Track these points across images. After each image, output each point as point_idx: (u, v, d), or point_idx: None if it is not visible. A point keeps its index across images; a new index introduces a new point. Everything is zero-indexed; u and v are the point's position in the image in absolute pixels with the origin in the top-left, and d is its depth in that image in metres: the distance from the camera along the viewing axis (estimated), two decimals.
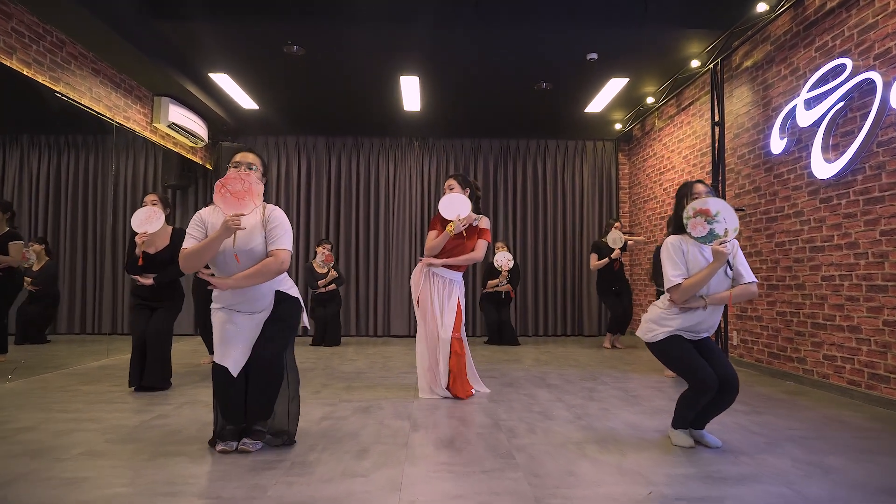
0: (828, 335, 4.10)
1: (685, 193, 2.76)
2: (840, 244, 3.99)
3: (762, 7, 4.63)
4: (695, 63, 5.68)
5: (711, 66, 5.56)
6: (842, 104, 3.91)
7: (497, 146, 8.35)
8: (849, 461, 2.54)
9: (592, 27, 5.08)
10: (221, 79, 6.13)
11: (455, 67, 5.91)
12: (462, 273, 3.96)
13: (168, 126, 6.36)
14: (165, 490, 2.12)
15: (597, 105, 6.99)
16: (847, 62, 3.87)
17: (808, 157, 4.27)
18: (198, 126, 6.92)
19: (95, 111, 5.22)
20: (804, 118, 4.27)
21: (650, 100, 6.83)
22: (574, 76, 6.12)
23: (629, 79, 6.24)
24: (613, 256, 6.54)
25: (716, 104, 5.56)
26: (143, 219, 3.91)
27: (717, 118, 5.53)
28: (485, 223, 3.95)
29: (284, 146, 8.21)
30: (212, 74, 6.05)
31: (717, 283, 2.65)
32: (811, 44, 4.33)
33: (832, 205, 4.07)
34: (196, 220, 2.61)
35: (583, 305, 8.25)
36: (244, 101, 6.83)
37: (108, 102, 5.45)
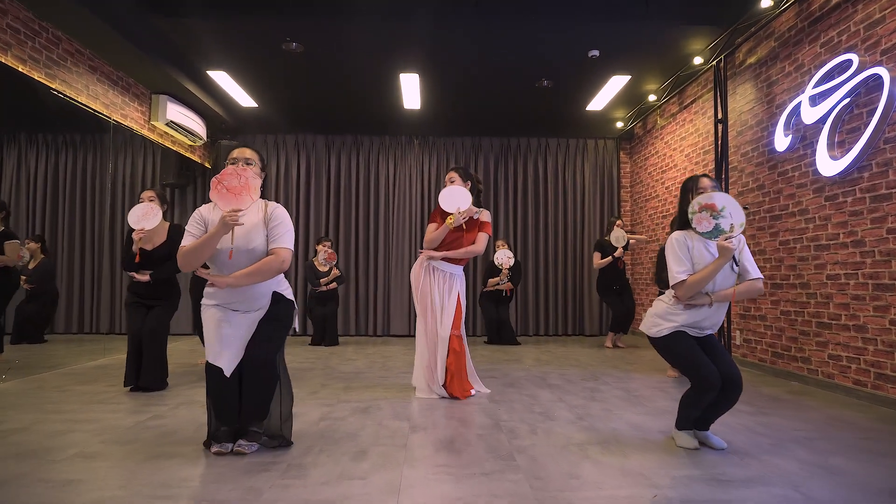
0: (833, 335, 4.05)
1: (690, 188, 2.71)
2: (846, 242, 3.94)
3: (766, 3, 4.57)
4: (697, 60, 5.63)
5: (714, 63, 5.50)
6: (848, 100, 3.86)
7: (498, 144, 8.30)
8: (855, 463, 2.49)
9: (594, 24, 5.03)
10: (220, 76, 6.08)
11: (455, 65, 5.85)
12: (463, 267, 3.92)
13: (166, 124, 6.31)
14: (159, 493, 2.07)
15: (598, 103, 6.94)
16: (853, 58, 3.82)
17: (813, 155, 4.21)
18: (196, 124, 6.87)
19: (92, 109, 5.17)
20: (809, 115, 4.21)
21: (652, 97, 6.77)
22: (575, 74, 6.07)
23: (631, 76, 6.18)
24: (617, 255, 6.49)
25: (719, 101, 5.50)
26: (140, 215, 3.86)
27: (721, 115, 5.47)
28: (486, 216, 3.91)
29: (283, 145, 8.16)
30: (210, 72, 6.00)
31: (723, 279, 2.60)
32: (816, 39, 4.28)
33: (838, 202, 4.01)
34: (196, 218, 2.56)
35: (584, 305, 8.20)
36: (243, 99, 6.78)
37: (106, 100, 5.40)
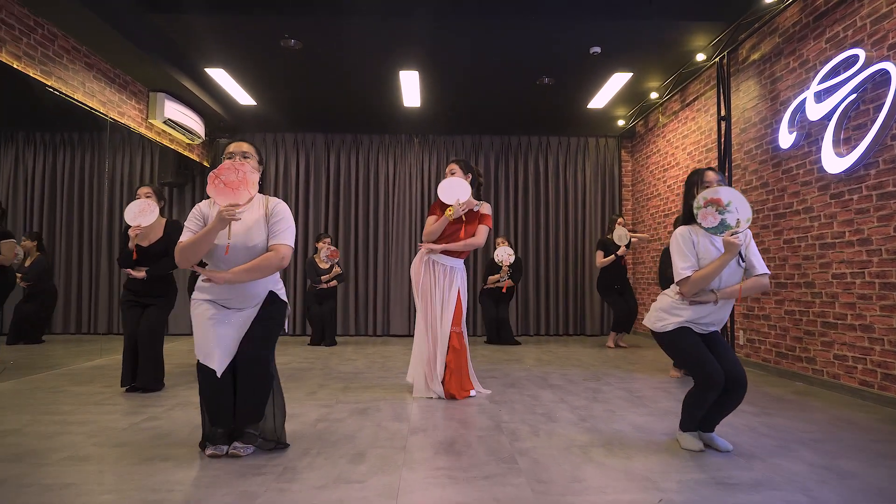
0: (839, 334, 3.98)
1: (695, 181, 2.65)
2: (852, 241, 3.88)
3: None
4: (700, 57, 5.57)
5: (717, 60, 5.44)
6: (854, 96, 3.80)
7: (498, 143, 8.24)
8: (865, 465, 2.43)
9: (595, 20, 4.97)
10: (218, 74, 6.03)
11: (455, 62, 5.80)
12: (463, 260, 3.87)
13: (164, 122, 6.25)
14: (150, 497, 2.02)
15: (599, 101, 6.88)
16: (860, 53, 3.75)
17: (819, 152, 4.15)
18: (194, 122, 6.81)
19: (88, 106, 5.12)
20: (814, 111, 4.15)
21: (654, 95, 6.71)
22: (577, 71, 6.01)
23: (633, 73, 6.12)
24: (620, 253, 6.43)
25: (722, 99, 5.44)
26: (137, 211, 3.81)
27: (724, 113, 5.41)
28: (486, 209, 3.86)
29: (283, 143, 8.10)
30: (208, 69, 5.94)
31: (730, 275, 2.54)
32: (821, 35, 4.22)
33: (843, 200, 3.95)
34: (195, 214, 2.51)
35: (585, 304, 8.14)
36: (241, 97, 6.72)
37: (102, 98, 5.35)
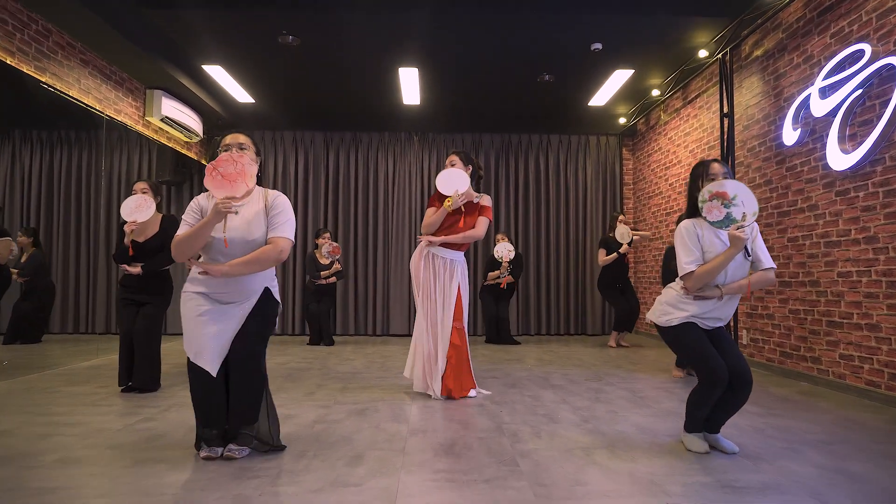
0: (844, 334, 3.93)
1: (700, 173, 2.58)
2: (858, 239, 3.82)
3: None
4: (702, 53, 5.51)
5: (720, 57, 5.38)
6: (860, 92, 3.74)
7: (498, 141, 8.18)
8: (875, 467, 2.38)
9: (597, 15, 4.91)
10: (215, 71, 5.97)
11: (455, 59, 5.73)
12: (464, 252, 3.82)
13: (161, 120, 6.19)
14: (141, 501, 1.96)
15: (601, 98, 6.82)
16: (865, 48, 3.69)
17: (824, 149, 4.09)
18: (192, 120, 6.75)
19: (84, 103, 5.06)
20: (819, 108, 4.09)
21: (655, 92, 6.66)
22: (578, 68, 5.95)
23: (634, 70, 6.06)
24: (622, 251, 6.37)
25: (724, 95, 5.38)
26: (133, 207, 3.75)
27: (726, 110, 5.35)
28: (486, 201, 3.82)
29: (281, 141, 8.04)
30: (205, 66, 5.88)
31: (735, 269, 2.49)
32: (826, 30, 4.16)
33: (849, 197, 3.89)
34: (192, 207, 2.45)
35: (586, 303, 8.07)
36: (239, 95, 6.66)
37: (98, 95, 5.29)
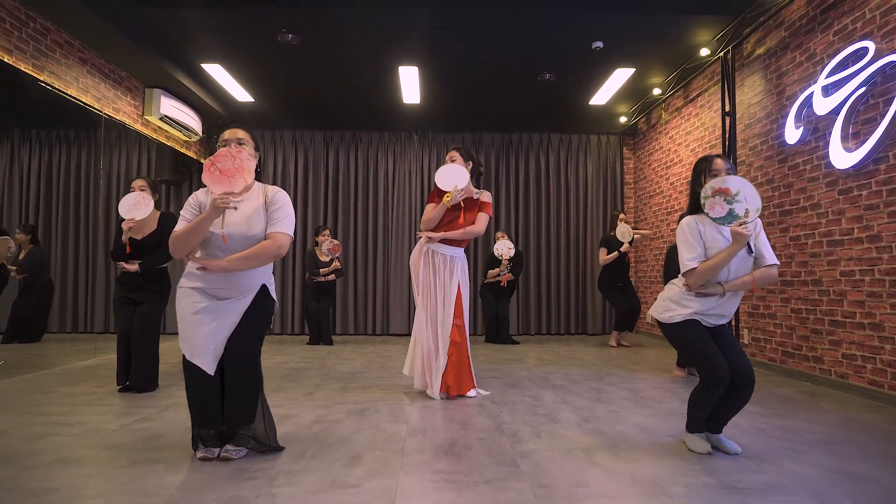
0: (847, 333, 3.90)
1: (703, 169, 2.56)
2: (861, 237, 3.79)
3: None
4: (704, 52, 5.48)
5: (721, 55, 5.35)
6: (863, 90, 3.71)
7: (499, 140, 8.15)
8: (879, 468, 2.35)
9: (598, 14, 4.88)
10: (214, 69, 5.94)
11: (455, 57, 5.71)
12: (464, 248, 3.80)
13: (160, 119, 6.17)
14: (137, 502, 1.93)
15: (601, 97, 6.79)
16: (869, 45, 3.67)
17: (826, 147, 4.06)
18: (191, 119, 6.73)
19: (82, 102, 5.03)
20: (822, 106, 4.07)
21: (657, 91, 6.62)
22: (578, 66, 5.92)
23: (635, 69, 6.03)
24: (623, 250, 6.35)
25: (726, 94, 5.35)
26: (132, 204, 3.71)
27: (728, 108, 5.32)
28: (486, 197, 3.80)
29: (281, 140, 8.02)
30: (204, 65, 5.86)
31: (739, 265, 2.46)
32: (829, 27, 4.13)
33: (852, 196, 3.87)
34: (191, 202, 2.42)
35: (587, 303, 8.05)
36: (238, 94, 6.64)
37: (97, 93, 5.26)
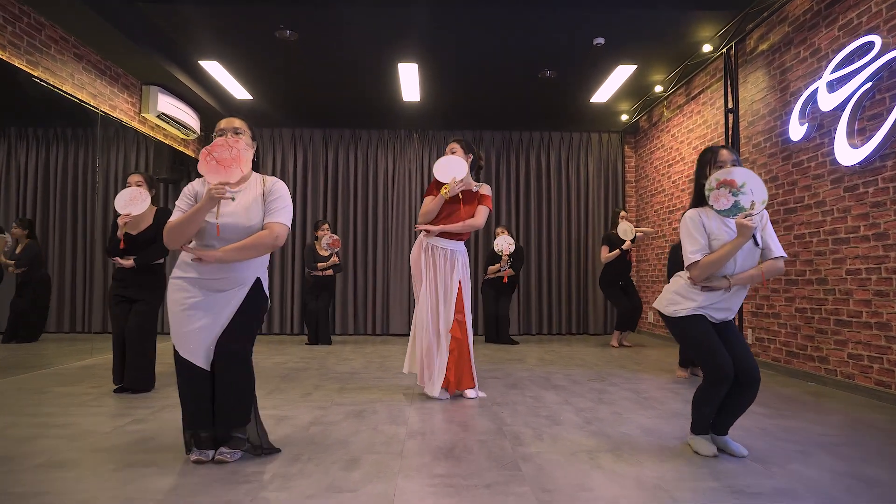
0: (853, 333, 3.84)
1: (708, 160, 2.50)
2: (867, 235, 3.73)
3: None
4: (706, 48, 5.41)
5: (724, 51, 5.29)
6: (869, 85, 3.65)
7: (499, 138, 8.09)
8: (890, 471, 2.29)
9: (599, 9, 4.82)
10: (212, 66, 5.88)
11: (455, 54, 5.64)
12: (464, 242, 3.75)
13: (157, 116, 6.10)
14: None
15: (603, 94, 6.73)
16: (875, 39, 3.60)
17: (832, 144, 4.00)
18: (189, 117, 6.67)
19: (78, 98, 4.97)
20: (827, 102, 4.00)
21: (658, 88, 6.56)
22: (580, 63, 5.86)
23: (637, 66, 5.97)
24: (625, 247, 6.29)
25: (729, 91, 5.29)
26: (128, 199, 3.64)
27: (731, 105, 5.26)
28: (486, 190, 3.75)
29: (280, 139, 7.96)
30: (202, 62, 5.80)
31: (746, 258, 2.40)
32: (834, 22, 4.07)
33: (858, 193, 3.80)
34: (186, 193, 2.37)
35: (588, 303, 7.98)
36: (237, 91, 6.58)
37: (93, 90, 5.20)
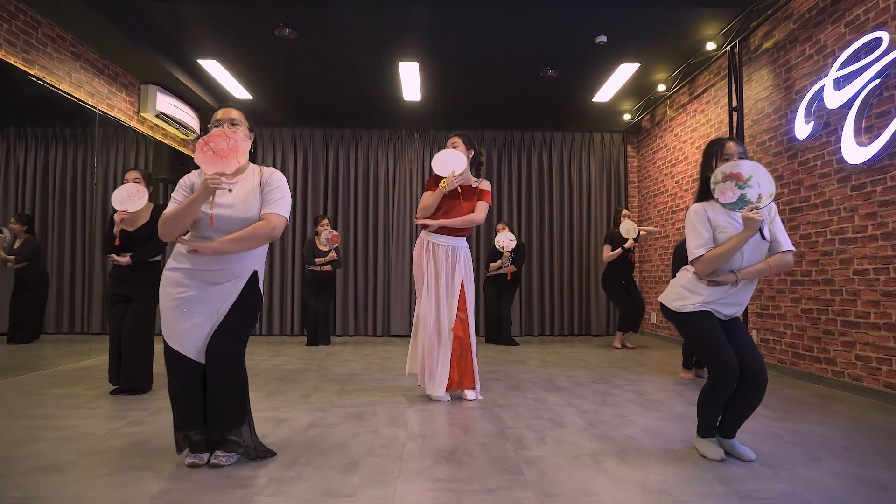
0: (861, 334, 3.78)
1: (714, 152, 2.44)
2: (875, 235, 3.67)
3: None
4: (710, 46, 5.36)
5: (728, 49, 5.24)
6: (877, 82, 3.59)
7: (500, 138, 8.04)
8: None
9: (602, 7, 4.77)
10: (211, 65, 5.84)
11: (456, 52, 5.59)
12: (465, 238, 3.70)
13: (156, 116, 6.07)
14: None
15: (605, 94, 6.68)
16: (883, 35, 3.55)
17: (838, 142, 3.95)
18: (188, 117, 6.63)
19: (75, 97, 4.93)
20: (833, 99, 3.95)
21: (661, 87, 6.50)
22: (582, 62, 5.81)
23: (640, 64, 5.92)
24: (628, 246, 6.23)
25: (733, 89, 5.24)
26: (125, 196, 3.59)
27: (735, 104, 5.21)
28: (486, 185, 3.71)
29: (280, 138, 7.91)
30: (201, 61, 5.76)
31: (753, 252, 2.35)
32: (840, 18, 4.01)
33: (865, 192, 3.75)
34: (183, 184, 2.32)
35: (590, 304, 7.92)
36: (236, 91, 6.54)
37: (90, 89, 5.16)
